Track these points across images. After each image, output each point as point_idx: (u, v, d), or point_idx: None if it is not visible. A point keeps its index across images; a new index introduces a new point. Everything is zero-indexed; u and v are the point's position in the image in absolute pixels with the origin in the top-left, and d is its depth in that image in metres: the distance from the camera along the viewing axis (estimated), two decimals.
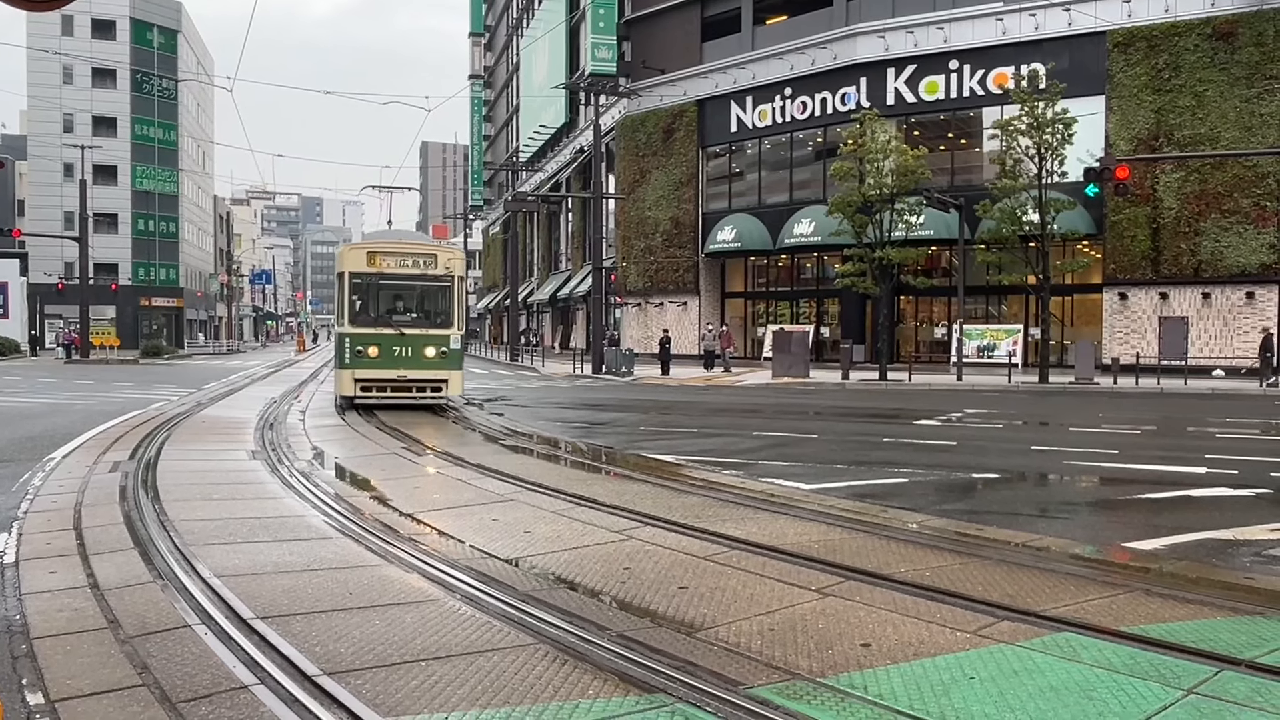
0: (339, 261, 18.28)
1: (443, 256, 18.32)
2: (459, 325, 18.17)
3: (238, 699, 3.98)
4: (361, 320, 17.54)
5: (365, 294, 17.82)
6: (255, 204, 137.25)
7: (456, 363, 18.19)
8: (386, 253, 17.87)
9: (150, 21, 68.96)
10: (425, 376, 17.82)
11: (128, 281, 67.30)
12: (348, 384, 17.57)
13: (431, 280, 17.97)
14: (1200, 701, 4.06)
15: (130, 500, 8.44)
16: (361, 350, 17.32)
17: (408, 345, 17.58)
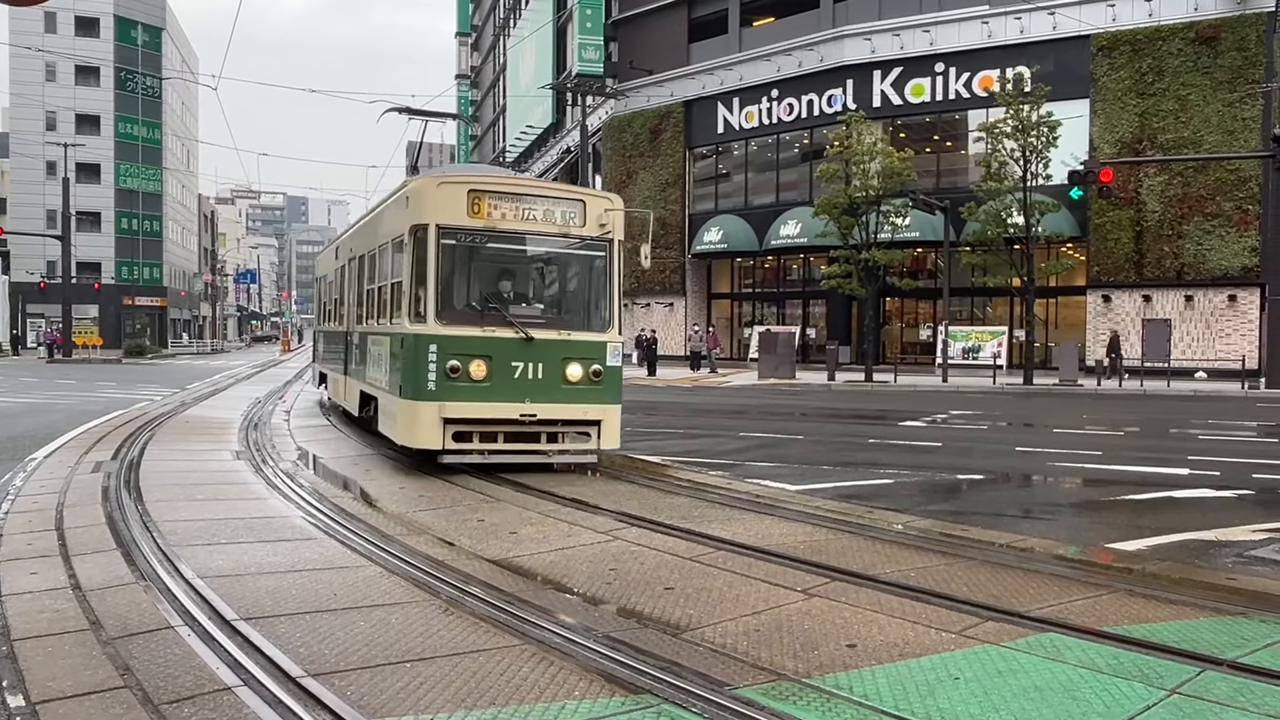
0: (409, 206, 10.27)
1: (594, 206, 10.54)
2: (619, 325, 10.78)
3: (221, 701, 3.95)
4: (455, 313, 10.02)
5: (461, 266, 10.39)
6: (240, 203, 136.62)
7: (615, 391, 10.55)
8: (503, 194, 10.19)
9: (134, 19, 68.54)
10: (567, 413, 10.19)
11: (111, 280, 66.85)
12: (429, 427, 9.76)
13: (576, 246, 10.54)
14: (1183, 701, 4.08)
15: (113, 500, 8.38)
16: (458, 368, 9.70)
17: (538, 359, 10.01)
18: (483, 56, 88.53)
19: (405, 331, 10.06)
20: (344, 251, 15.45)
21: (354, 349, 13.86)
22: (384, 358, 11.12)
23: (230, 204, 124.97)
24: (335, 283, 16.74)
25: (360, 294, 13.51)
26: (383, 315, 11.48)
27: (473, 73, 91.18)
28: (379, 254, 11.95)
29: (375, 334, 11.82)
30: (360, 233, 14.03)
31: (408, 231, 10.08)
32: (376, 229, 12.29)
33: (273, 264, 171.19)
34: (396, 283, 10.69)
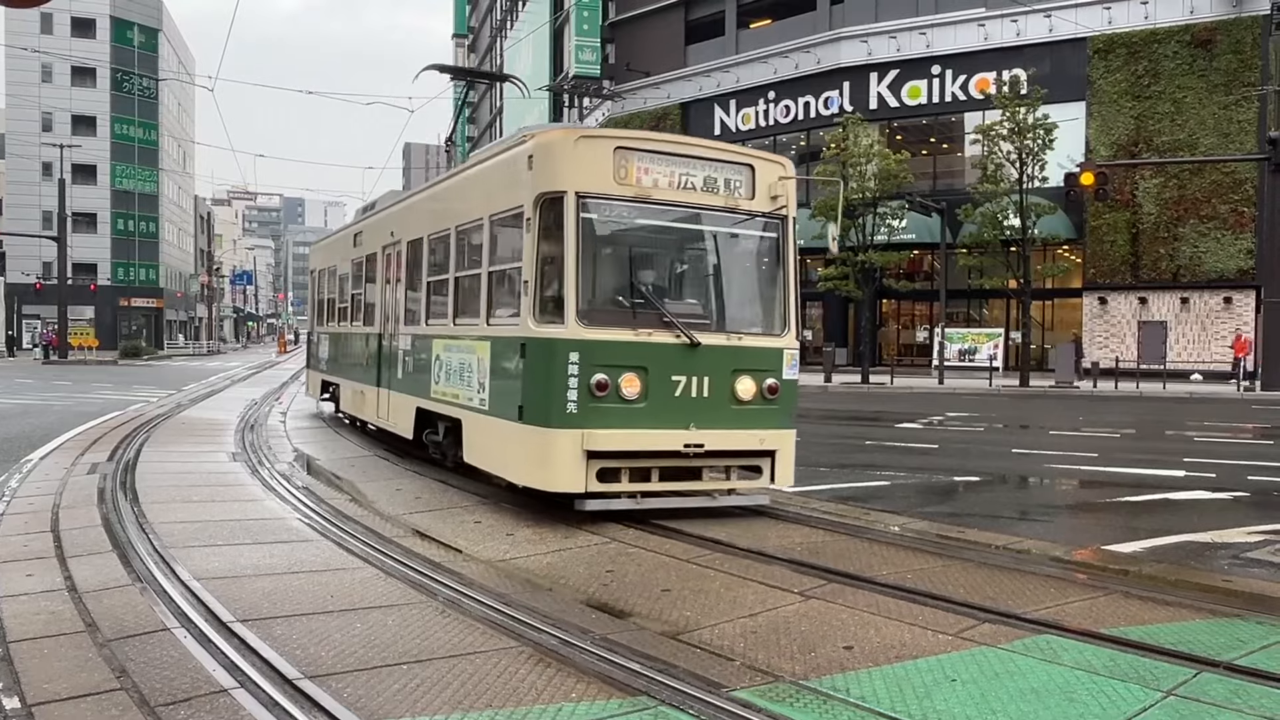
0: (533, 168, 7.82)
1: (765, 174, 8.25)
2: (795, 326, 8.49)
3: (217, 703, 3.94)
4: (598, 311, 7.71)
5: (605, 249, 8.13)
6: (236, 204, 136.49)
7: (787, 413, 8.25)
8: (658, 154, 7.92)
9: (131, 20, 68.47)
10: (738, 442, 7.98)
11: (107, 282, 66.73)
12: (567, 463, 7.47)
13: (744, 225, 8.37)
14: (1179, 703, 4.08)
15: (109, 502, 8.36)
16: (606, 383, 7.44)
17: (703, 372, 7.79)
18: (480, 58, 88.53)
19: (530, 335, 7.57)
20: (373, 238, 13.06)
21: (398, 356, 11.33)
22: (474, 369, 8.64)
23: (226, 205, 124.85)
24: (352, 276, 14.45)
25: (411, 288, 11.07)
26: (465, 314, 9.22)
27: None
28: (457, 236, 9.47)
29: (450, 338, 9.41)
30: (411, 212, 11.39)
31: (531, 203, 7.66)
32: (450, 204, 9.80)
33: (269, 265, 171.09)
34: (500, 272, 8.49)
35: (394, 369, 11.54)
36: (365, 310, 13.37)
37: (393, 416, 11.65)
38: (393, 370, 11.62)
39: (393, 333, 11.75)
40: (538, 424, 7.52)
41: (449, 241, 9.69)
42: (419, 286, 10.77)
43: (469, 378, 8.83)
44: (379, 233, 12.75)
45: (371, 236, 13.20)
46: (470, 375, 8.80)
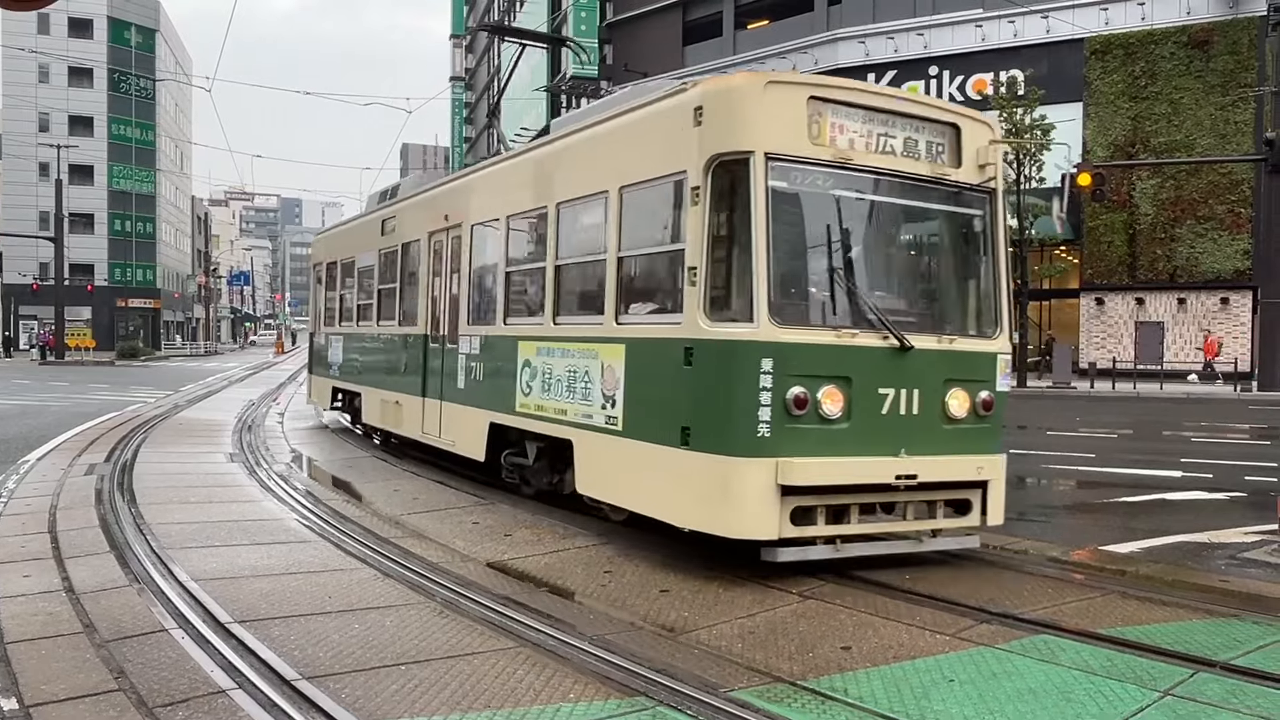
0: (703, 122, 6.23)
1: (972, 136, 6.84)
2: (1008, 326, 7.06)
3: (215, 704, 3.95)
4: (789, 307, 6.22)
5: (797, 227, 6.47)
6: (234, 205, 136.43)
7: (999, 434, 6.87)
8: (857, 108, 6.43)
9: (128, 20, 68.40)
10: (951, 471, 6.45)
11: (104, 282, 66.65)
12: (757, 502, 5.87)
13: (949, 199, 6.90)
14: (1176, 703, 4.09)
15: (106, 503, 8.36)
16: (804, 399, 5.93)
17: (913, 383, 6.36)
18: (477, 59, 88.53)
19: (701, 337, 6.03)
20: (412, 223, 11.41)
21: (458, 361, 9.64)
22: (594, 378, 7.07)
23: (224, 205, 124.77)
24: (380, 269, 12.69)
25: (477, 280, 9.53)
26: (572, 310, 7.72)
27: (467, 75, 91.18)
28: (561, 215, 7.83)
29: (549, 340, 7.79)
30: (477, 191, 9.74)
31: (700, 167, 6.09)
32: (550, 176, 8.15)
33: (266, 266, 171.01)
34: (641, 257, 7.00)
35: (451, 377, 9.82)
36: (401, 308, 11.68)
37: (450, 433, 9.85)
38: (448, 378, 9.90)
39: (446, 334, 10.12)
40: (714, 450, 5.94)
41: (546, 222, 7.99)
42: (491, 279, 9.19)
43: (584, 389, 7.21)
44: (423, 217, 11.02)
45: (410, 222, 11.51)
46: (587, 386, 7.16)
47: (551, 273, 7.89)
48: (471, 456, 9.33)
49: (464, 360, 9.57)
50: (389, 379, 12.01)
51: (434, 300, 10.64)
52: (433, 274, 10.70)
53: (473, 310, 9.55)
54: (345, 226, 15.45)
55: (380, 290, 12.69)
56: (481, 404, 9.07)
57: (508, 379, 8.43)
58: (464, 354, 9.59)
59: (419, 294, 10.99)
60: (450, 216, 10.21)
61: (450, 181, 10.97)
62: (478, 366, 9.26)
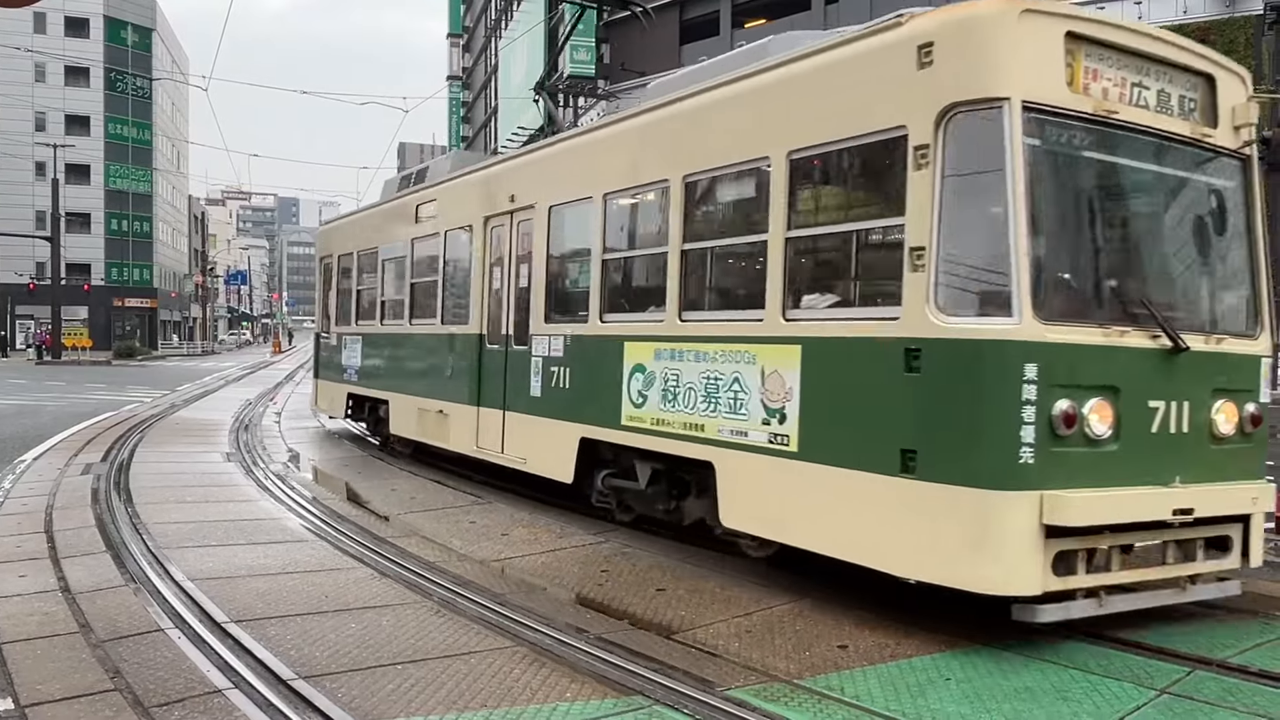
0: (934, 62, 4.97)
1: (1227, 90, 5.63)
2: (1270, 321, 5.81)
3: (211, 703, 3.94)
4: (1056, 299, 4.98)
5: (1056, 200, 5.17)
6: (231, 204, 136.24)
7: (1262, 456, 5.70)
8: (1115, 50, 5.17)
9: (124, 19, 68.29)
10: (1225, 504, 5.24)
11: (101, 282, 66.53)
12: (1016, 547, 4.62)
13: (1205, 167, 5.66)
14: (1173, 701, 4.10)
15: (103, 503, 8.35)
16: (1071, 413, 4.71)
17: (1182, 393, 5.15)
18: (474, 58, 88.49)
19: (935, 335, 4.84)
20: (460, 207, 10.08)
21: (532, 365, 8.38)
22: (747, 386, 5.89)
23: (221, 205, 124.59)
24: (414, 260, 11.25)
25: (557, 271, 8.38)
26: (710, 305, 6.55)
27: (464, 74, 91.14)
28: (689, 192, 6.58)
29: (674, 340, 6.58)
30: (557, 166, 8.47)
31: (933, 119, 4.92)
32: (673, 142, 6.83)
33: (263, 265, 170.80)
34: (821, 237, 5.80)
35: (519, 384, 8.54)
36: (445, 304, 10.39)
37: (518, 448, 8.54)
38: (515, 385, 8.62)
39: (511, 334, 8.87)
40: (957, 481, 4.75)
41: (667, 199, 6.72)
42: (578, 269, 8.05)
43: (733, 400, 5.97)
44: (475, 200, 9.70)
45: (456, 206, 10.19)
46: (737, 396, 5.93)
47: (676, 259, 6.59)
48: (551, 477, 7.95)
49: (539, 364, 8.26)
50: (427, 385, 10.59)
51: (493, 295, 9.33)
52: (490, 265, 9.39)
53: (551, 306, 8.26)
54: (363, 214, 13.84)
55: (414, 285, 11.22)
56: (566, 415, 7.79)
57: (607, 387, 7.14)
58: (539, 357, 8.28)
59: (471, 288, 9.65)
60: (518, 197, 8.86)
61: (515, 158, 9.49)
62: (561, 372, 7.96)
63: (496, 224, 9.30)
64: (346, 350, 13.53)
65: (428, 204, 10.97)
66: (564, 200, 8.20)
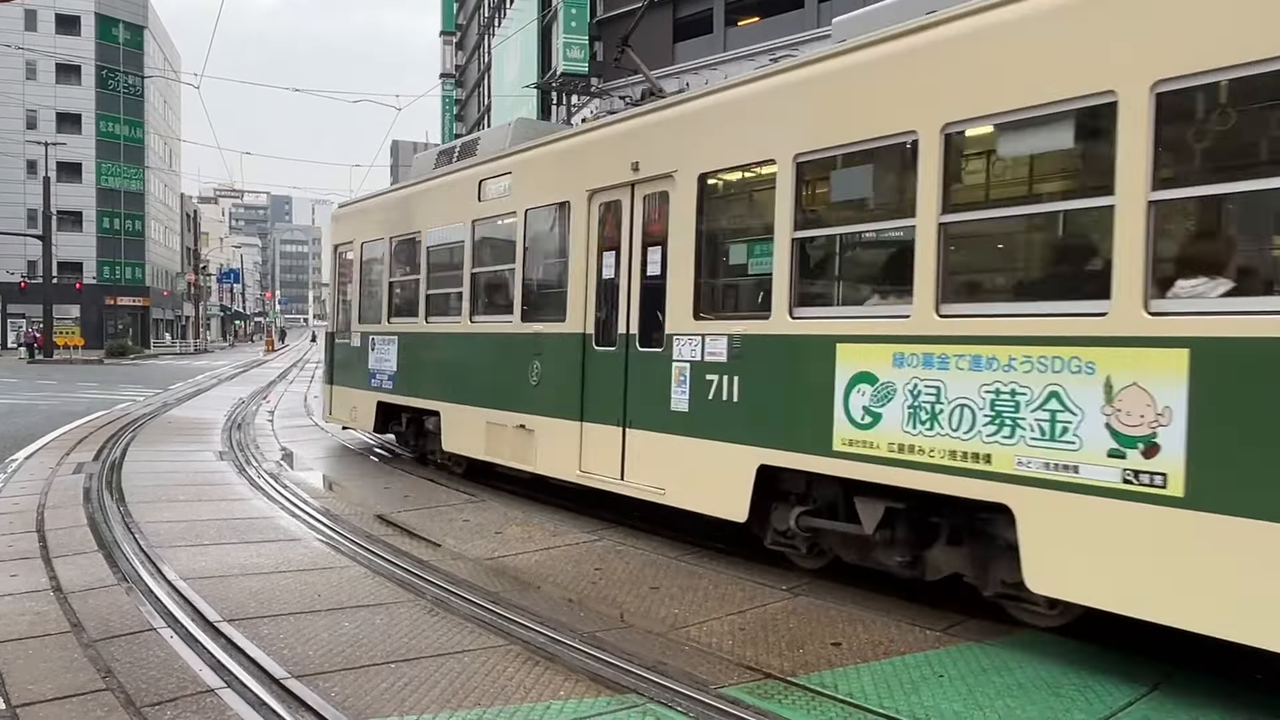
0: None
1: None
2: None
3: (204, 703, 3.93)
4: None
5: None
6: (223, 202, 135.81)
7: None
8: None
9: (116, 17, 68.07)
10: None
11: (92, 280, 66.31)
12: None
13: None
14: (1163, 699, 4.12)
15: (94, 502, 8.32)
16: None
17: None
18: (467, 55, 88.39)
19: None
20: (551, 180, 8.45)
21: (675, 373, 6.74)
22: (1095, 405, 4.42)
23: (213, 203, 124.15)
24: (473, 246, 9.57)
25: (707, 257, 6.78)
26: (963, 295, 5.17)
27: (457, 72, 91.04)
28: (960, 144, 5.22)
29: (937, 342, 5.10)
30: (711, 119, 6.73)
31: None
32: (936, 82, 5.22)
33: (256, 263, 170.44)
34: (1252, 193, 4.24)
35: (654, 394, 6.90)
36: (528, 297, 8.71)
37: (661, 475, 6.84)
38: (647, 396, 7.01)
39: (635, 333, 7.28)
40: None
41: (908, 157, 5.33)
42: (745, 251, 6.56)
43: (1048, 424, 4.56)
44: (577, 169, 8.07)
45: (544, 178, 8.56)
46: (1057, 419, 4.52)
47: (931, 235, 5.09)
48: (708, 512, 6.46)
49: (685, 372, 6.66)
50: (499, 394, 8.87)
51: (602, 286, 7.67)
52: (599, 249, 7.75)
53: (705, 299, 6.69)
54: (397, 194, 11.84)
55: (477, 276, 9.58)
56: (733, 436, 6.22)
57: (805, 401, 5.74)
58: (683, 363, 6.66)
59: (569, 278, 7.99)
60: (645, 164, 7.20)
61: (636, 117, 7.59)
62: (723, 381, 6.34)
63: (608, 198, 7.65)
64: (375, 353, 11.62)
65: (498, 178, 9.23)
66: (726, 166, 6.60)
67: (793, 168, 5.92)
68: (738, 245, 6.66)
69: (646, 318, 7.17)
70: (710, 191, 6.73)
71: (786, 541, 6.26)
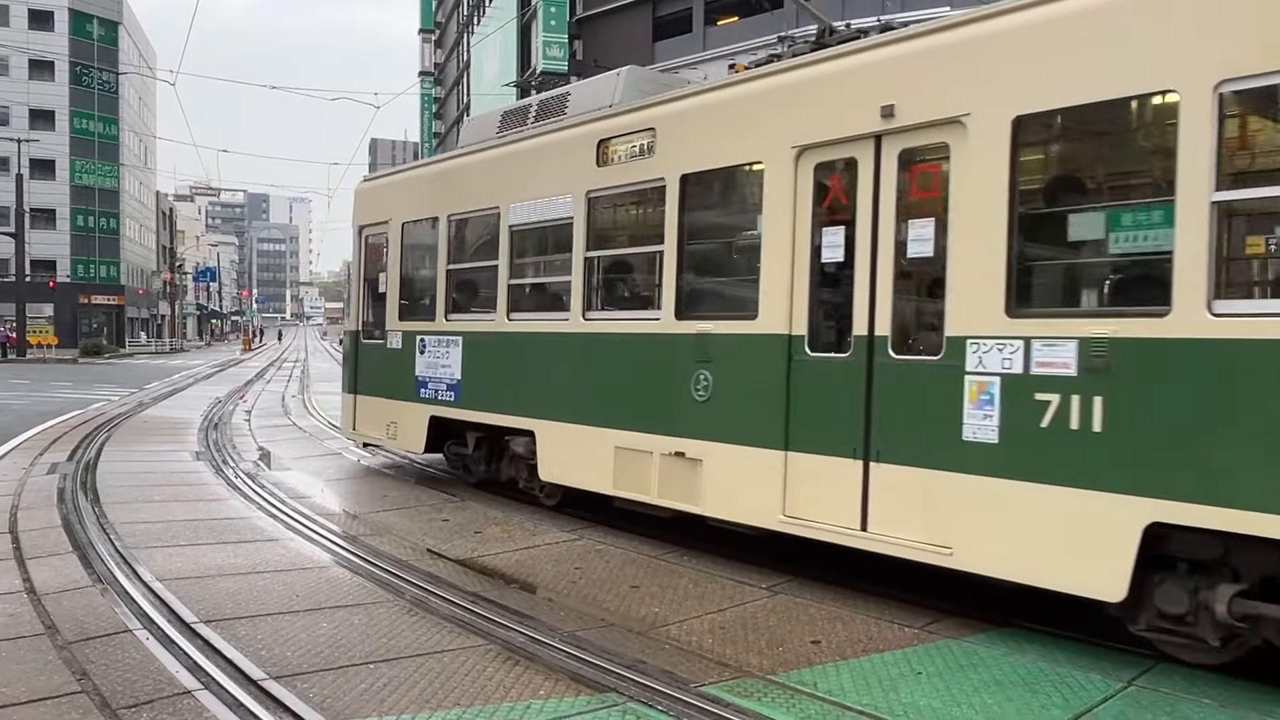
0: None
1: None
2: None
3: (180, 704, 3.90)
4: None
5: None
6: (200, 200, 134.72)
7: None
8: None
9: (90, 13, 67.37)
10: None
11: (66, 278, 65.61)
12: None
13: None
14: (1140, 693, 4.16)
15: (69, 503, 8.24)
16: None
17: None
18: (446, 53, 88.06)
19: None
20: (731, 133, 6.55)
21: (985, 392, 5.01)
22: None
23: (189, 201, 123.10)
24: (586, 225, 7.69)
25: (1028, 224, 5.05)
26: None
27: (436, 70, 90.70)
28: None
29: None
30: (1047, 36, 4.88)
31: None
32: None
33: (233, 262, 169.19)
34: None
35: (925, 417, 5.22)
36: (686, 288, 6.83)
37: (944, 529, 5.11)
38: (910, 420, 5.32)
39: (884, 335, 5.45)
40: None
41: None
42: (1107, 221, 4.76)
43: None
44: (773, 121, 6.18)
45: (714, 133, 6.61)
46: None
47: None
48: (1050, 585, 4.69)
49: (995, 390, 4.91)
50: (643, 412, 6.98)
51: (824, 273, 5.92)
52: (815, 223, 5.91)
53: (1022, 288, 4.95)
54: (458, 163, 9.65)
55: (596, 260, 7.75)
56: (1103, 482, 4.49)
57: (1240, 436, 4.10)
58: (989, 376, 4.94)
59: (765, 262, 6.13)
60: (906, 108, 5.41)
61: (894, 43, 5.69)
62: (1074, 405, 4.60)
63: (832, 156, 5.88)
64: (426, 357, 9.59)
65: (630, 137, 7.33)
66: (1072, 103, 4.80)
67: (1213, 99, 4.16)
68: (1087, 214, 4.93)
69: (906, 314, 5.55)
70: (1033, 138, 5.10)
71: (1178, 626, 4.41)
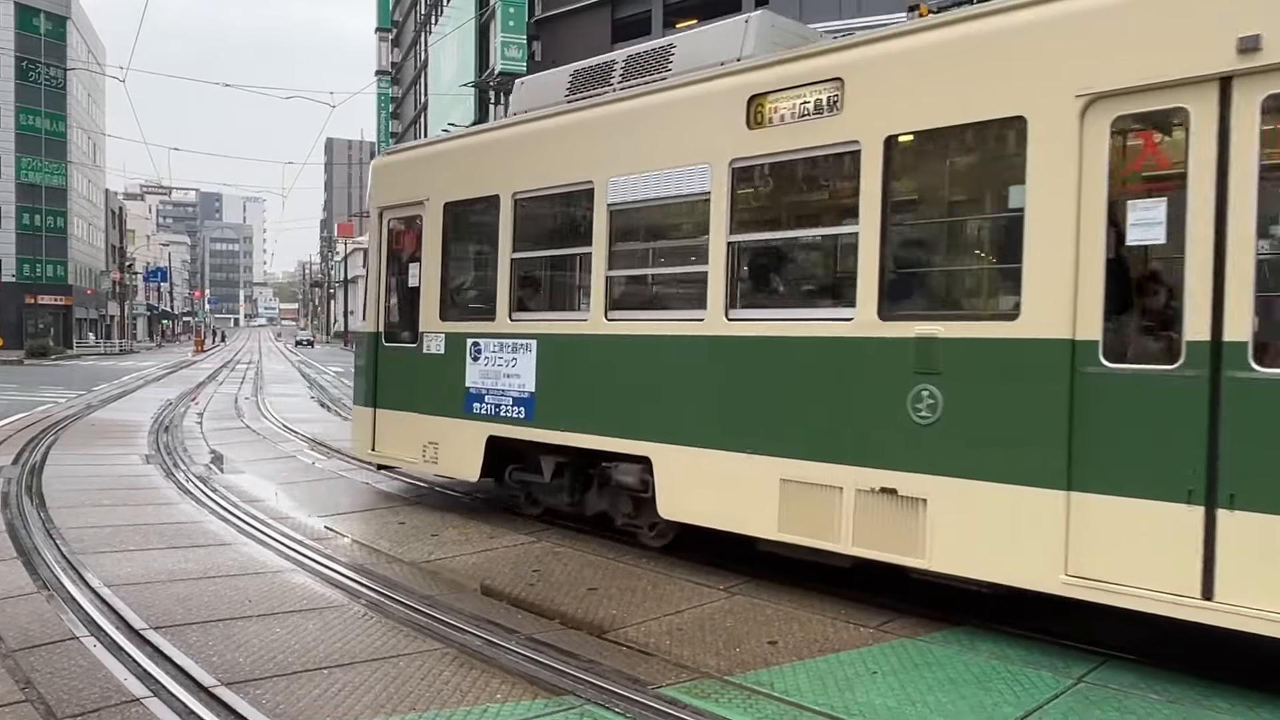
0: None
1: None
2: None
3: (129, 713, 3.83)
4: None
5: None
6: (150, 199, 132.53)
7: None
8: None
9: (37, 6, 65.98)
10: None
11: (11, 278, 64.19)
12: None
13: None
14: (1089, 689, 4.24)
15: (14, 508, 8.05)
16: None
17: None
18: (404, 53, 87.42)
19: None
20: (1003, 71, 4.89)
21: None
22: None
23: (140, 200, 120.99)
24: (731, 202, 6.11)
25: None
26: None
27: (393, 69, 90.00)
28: None
29: None
30: None
31: None
32: None
33: (185, 262, 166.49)
34: None
35: None
36: (894, 279, 5.44)
37: None
38: None
39: (1232, 337, 4.17)
40: None
41: None
42: None
43: None
44: (1031, 61, 4.79)
45: (927, 85, 5.25)
46: None
47: None
48: None
49: None
50: (827, 438, 5.55)
51: (1119, 262, 4.60)
52: (1112, 195, 4.54)
53: None
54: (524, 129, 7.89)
55: (744, 245, 6.23)
56: None
57: None
58: None
59: (1028, 246, 4.75)
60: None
61: None
62: None
63: (1140, 108, 4.51)
64: (482, 365, 7.90)
65: (803, 89, 5.88)
66: None
67: None
68: None
69: (1275, 313, 4.39)
70: None
71: None
